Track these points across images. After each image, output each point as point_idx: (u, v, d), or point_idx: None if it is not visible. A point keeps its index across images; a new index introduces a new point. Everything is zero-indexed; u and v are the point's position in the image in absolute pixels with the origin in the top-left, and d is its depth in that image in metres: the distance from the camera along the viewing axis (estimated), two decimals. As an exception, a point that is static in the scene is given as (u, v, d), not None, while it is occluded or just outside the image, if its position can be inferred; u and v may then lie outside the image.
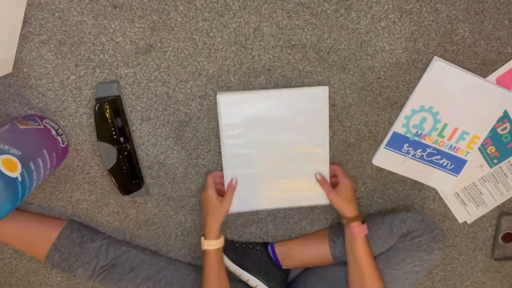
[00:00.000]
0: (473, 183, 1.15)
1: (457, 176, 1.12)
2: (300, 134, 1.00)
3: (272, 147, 1.01)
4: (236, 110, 0.98)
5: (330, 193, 1.00)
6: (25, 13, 0.94)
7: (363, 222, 0.98)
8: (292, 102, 0.98)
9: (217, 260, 0.97)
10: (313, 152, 1.02)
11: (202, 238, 0.97)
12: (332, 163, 1.04)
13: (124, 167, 1.03)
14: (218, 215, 0.97)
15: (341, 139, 1.09)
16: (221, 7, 0.96)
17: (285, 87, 1.03)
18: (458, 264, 1.23)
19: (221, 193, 1.01)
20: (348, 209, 0.98)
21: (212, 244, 0.96)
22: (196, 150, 1.07)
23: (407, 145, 1.09)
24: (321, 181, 1.02)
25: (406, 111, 1.06)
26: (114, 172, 1.03)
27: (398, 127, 1.08)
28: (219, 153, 1.07)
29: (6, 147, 0.81)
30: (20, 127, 0.92)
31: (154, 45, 0.98)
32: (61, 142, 1.00)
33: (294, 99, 0.98)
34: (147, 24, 0.97)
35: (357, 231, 0.96)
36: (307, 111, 0.99)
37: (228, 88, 1.02)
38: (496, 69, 1.06)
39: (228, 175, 1.01)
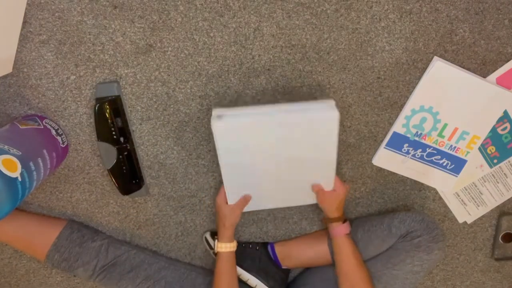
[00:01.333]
0: (473, 183, 1.15)
1: (457, 176, 1.12)
2: (305, 159, 0.90)
3: (274, 170, 0.92)
4: (235, 138, 0.85)
5: (321, 193, 0.98)
6: (25, 13, 0.94)
7: (344, 221, 1.00)
8: (296, 126, 0.84)
9: (229, 263, 0.99)
10: (318, 175, 0.96)
11: (216, 241, 0.99)
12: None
13: (124, 167, 1.03)
14: (227, 222, 0.98)
15: (341, 139, 1.09)
16: (221, 7, 0.96)
17: (289, 88, 1.03)
18: (458, 264, 1.23)
19: None
20: (331, 211, 0.99)
21: (225, 247, 0.98)
22: (196, 150, 1.07)
23: (407, 145, 1.09)
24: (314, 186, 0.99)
25: (406, 111, 1.06)
26: (114, 172, 1.03)
27: (398, 127, 1.08)
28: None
29: (6, 147, 0.81)
30: (20, 127, 0.92)
31: (154, 45, 0.98)
32: (61, 142, 1.00)
33: (299, 123, 0.84)
34: (147, 24, 0.97)
35: (338, 231, 0.99)
36: (314, 136, 0.86)
37: (228, 88, 1.02)
38: (496, 69, 1.06)
39: (230, 193, 0.97)
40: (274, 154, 0.89)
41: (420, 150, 1.09)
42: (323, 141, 0.87)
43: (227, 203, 0.99)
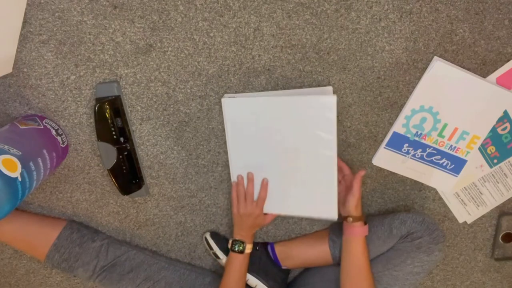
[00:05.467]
0: (473, 183, 1.15)
1: (457, 176, 1.12)
2: (307, 141, 0.96)
3: (279, 153, 0.98)
4: (241, 115, 0.96)
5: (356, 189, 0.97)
6: (25, 13, 0.94)
7: (365, 223, 0.98)
8: (299, 110, 0.94)
9: (247, 264, 1.02)
10: (320, 160, 0.96)
11: (245, 244, 1.01)
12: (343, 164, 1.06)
13: (124, 167, 1.03)
14: (257, 227, 1.03)
15: (341, 139, 1.09)
16: (221, 7, 0.96)
17: (289, 88, 1.03)
18: (458, 264, 1.23)
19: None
20: (357, 208, 0.97)
21: (250, 248, 1.02)
22: (196, 150, 1.07)
23: (407, 145, 1.09)
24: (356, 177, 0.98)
25: (406, 111, 1.06)
26: (114, 172, 1.03)
27: (398, 127, 1.08)
28: (219, 153, 1.07)
29: (6, 147, 0.81)
30: (20, 127, 0.92)
31: (154, 45, 0.98)
32: (61, 142, 1.00)
33: (301, 107, 0.93)
34: (147, 24, 0.97)
35: (359, 231, 0.96)
36: (315, 119, 0.93)
37: (228, 88, 1.02)
38: (496, 69, 1.06)
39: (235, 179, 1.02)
40: (279, 138, 0.96)
41: (420, 150, 1.09)
42: (323, 123, 0.93)
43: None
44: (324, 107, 0.92)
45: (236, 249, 1.00)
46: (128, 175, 1.04)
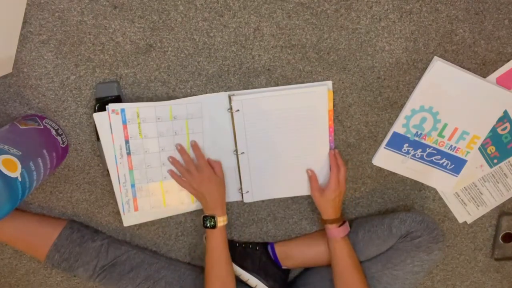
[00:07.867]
0: (473, 183, 1.15)
1: (457, 176, 1.12)
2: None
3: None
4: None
5: (314, 191, 1.04)
6: (25, 13, 0.94)
7: (342, 223, 1.00)
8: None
9: (224, 237, 0.99)
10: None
11: (216, 218, 0.97)
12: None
13: (124, 167, 1.03)
14: (220, 191, 1.01)
15: (341, 139, 1.09)
16: (221, 7, 0.96)
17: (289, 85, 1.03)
18: (458, 264, 1.23)
19: None
20: (325, 211, 1.01)
21: (223, 220, 0.98)
22: (196, 150, 1.07)
23: (407, 145, 1.09)
24: (311, 177, 1.06)
25: (406, 111, 1.06)
26: (114, 172, 1.03)
27: (398, 127, 1.08)
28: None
29: (6, 147, 0.81)
30: (20, 127, 0.92)
31: (154, 45, 0.98)
32: (61, 142, 1.00)
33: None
34: (147, 24, 0.97)
35: (333, 233, 0.99)
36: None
37: (228, 88, 1.02)
38: (496, 69, 1.06)
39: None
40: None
41: (420, 150, 1.09)
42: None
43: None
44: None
45: (208, 225, 0.97)
46: (128, 175, 1.04)
